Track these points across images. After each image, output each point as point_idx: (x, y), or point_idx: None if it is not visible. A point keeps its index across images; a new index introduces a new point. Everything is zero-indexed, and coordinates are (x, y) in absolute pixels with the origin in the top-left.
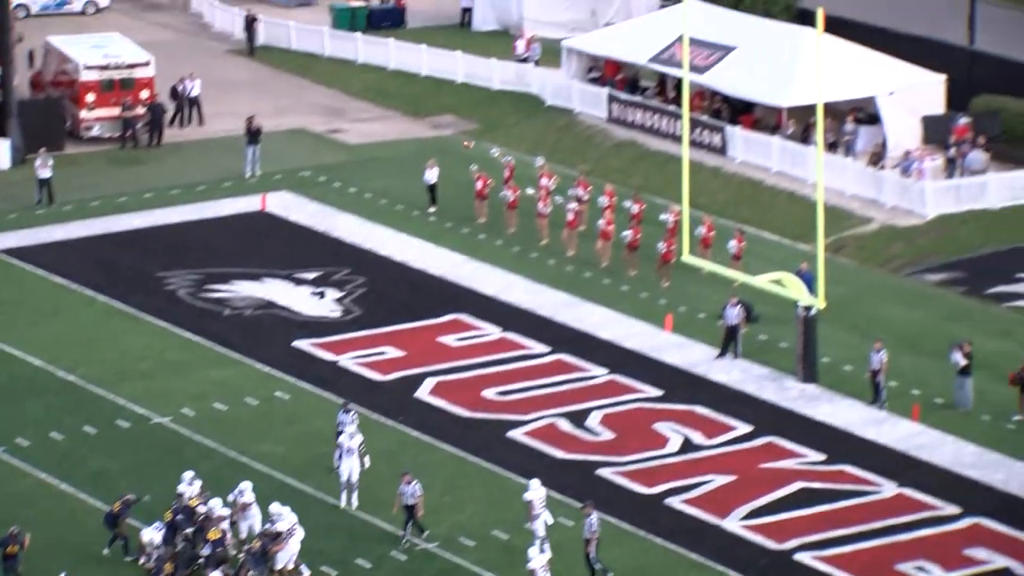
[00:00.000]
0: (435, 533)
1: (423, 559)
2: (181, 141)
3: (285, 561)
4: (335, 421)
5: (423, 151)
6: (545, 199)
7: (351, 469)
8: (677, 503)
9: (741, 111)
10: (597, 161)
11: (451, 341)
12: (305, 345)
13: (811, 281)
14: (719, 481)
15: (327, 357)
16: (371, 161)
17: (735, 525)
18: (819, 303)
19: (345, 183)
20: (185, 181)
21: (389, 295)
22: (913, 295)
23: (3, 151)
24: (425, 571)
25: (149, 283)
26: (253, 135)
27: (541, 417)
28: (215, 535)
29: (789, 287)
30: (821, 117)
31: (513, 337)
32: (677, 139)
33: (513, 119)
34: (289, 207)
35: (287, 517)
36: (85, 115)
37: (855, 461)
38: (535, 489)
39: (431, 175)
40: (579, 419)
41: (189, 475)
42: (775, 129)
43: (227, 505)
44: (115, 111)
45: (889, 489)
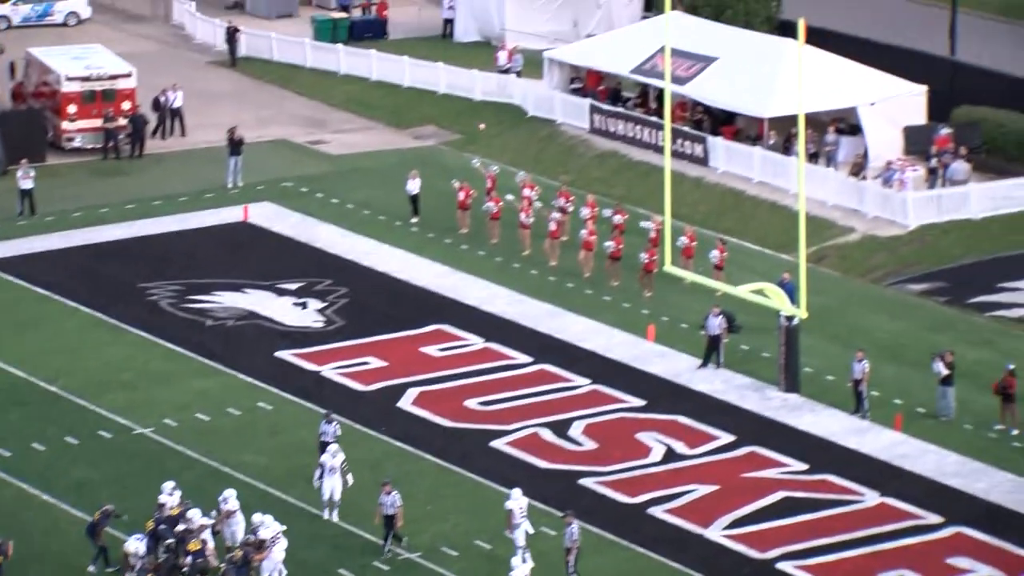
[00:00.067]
0: (418, 543)
1: (406, 569)
2: (163, 152)
3: (270, 570)
4: (318, 431)
5: (405, 162)
6: (527, 210)
7: (333, 488)
8: (660, 512)
9: (723, 122)
10: (579, 172)
11: (434, 351)
12: (288, 355)
13: (793, 291)
14: (702, 490)
15: (310, 367)
16: (353, 172)
17: (718, 534)
18: (801, 313)
19: (327, 194)
20: (167, 192)
21: (371, 305)
22: (895, 305)
23: None
24: None
25: (131, 294)
26: (235, 146)
27: (524, 427)
28: (195, 546)
29: (771, 297)
30: (803, 128)
31: (496, 347)
32: (659, 150)
33: (495, 130)
34: (271, 218)
35: (270, 525)
36: (67, 126)
37: (838, 470)
38: (516, 498)
39: (413, 186)
40: (562, 429)
41: (170, 485)
42: (757, 139)
43: (207, 515)
44: (97, 122)
45: (872, 498)
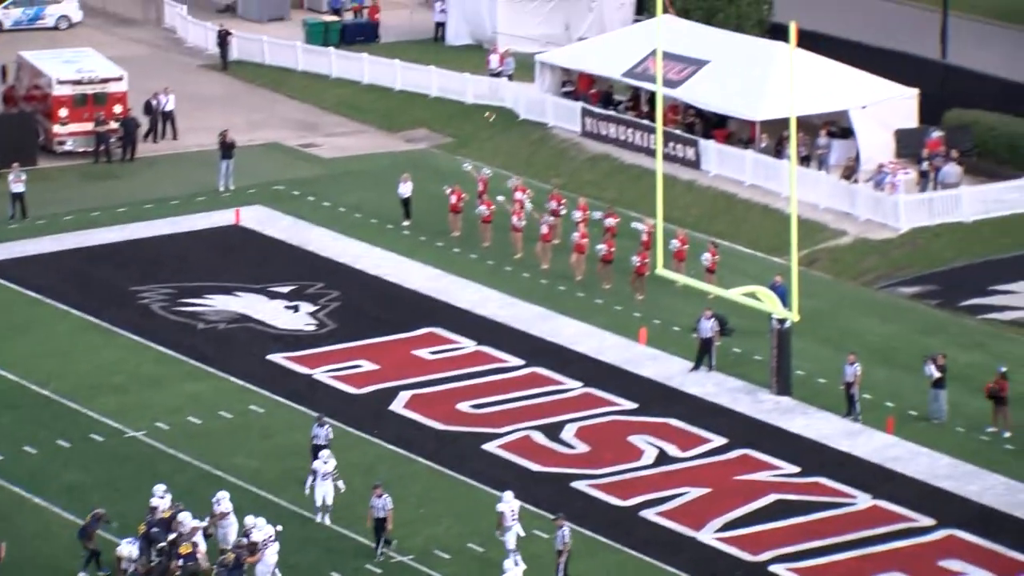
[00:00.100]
0: (410, 546)
1: (398, 572)
2: (154, 155)
3: (263, 574)
4: (310, 434)
5: (397, 165)
6: (519, 213)
7: (325, 494)
8: (652, 515)
9: (715, 125)
10: (571, 175)
11: (426, 354)
12: (279, 359)
13: (785, 294)
14: (694, 493)
15: (302, 371)
16: (345, 175)
17: (710, 537)
18: (793, 316)
19: (319, 197)
20: (159, 195)
21: (363, 309)
22: (887, 308)
23: None
24: None
25: (123, 297)
26: (227, 149)
27: (516, 430)
28: (186, 549)
29: (763, 300)
30: (794, 131)
31: (488, 350)
32: (651, 153)
33: (487, 133)
34: (263, 221)
35: (264, 528)
36: (58, 130)
37: (830, 473)
38: (508, 501)
39: (405, 189)
40: (554, 432)
41: (161, 488)
42: (748, 143)
43: (199, 518)
44: (88, 126)
45: (864, 501)
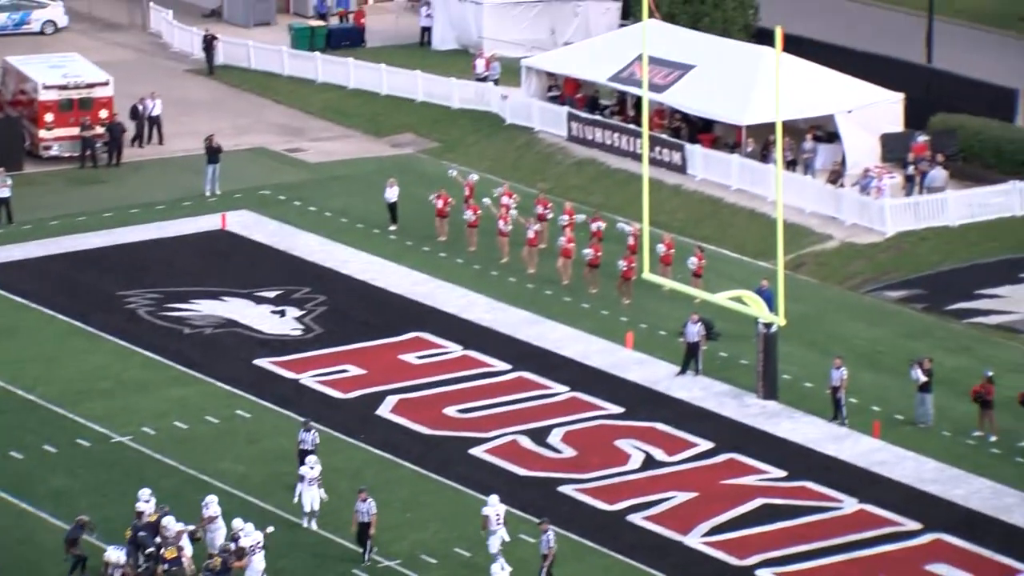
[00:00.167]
0: (397, 551)
1: None
2: (141, 160)
3: None
4: (296, 439)
5: (383, 170)
6: (506, 217)
7: (312, 499)
8: (639, 520)
9: (701, 129)
10: (557, 179)
11: (412, 359)
12: (266, 363)
13: (771, 298)
14: (681, 497)
15: (288, 375)
16: (331, 180)
17: (697, 541)
18: (779, 320)
19: (305, 202)
20: (145, 200)
21: (350, 313)
22: (873, 312)
23: None
24: None
25: (109, 302)
26: (213, 154)
27: (503, 434)
28: (171, 554)
29: (749, 304)
30: (780, 135)
31: (474, 355)
32: (637, 157)
33: (473, 138)
34: (249, 226)
35: (252, 534)
36: (44, 135)
37: (816, 477)
38: (493, 504)
39: (391, 194)
40: (541, 436)
41: (146, 492)
42: (734, 147)
43: (183, 522)
44: (74, 131)
45: (850, 505)
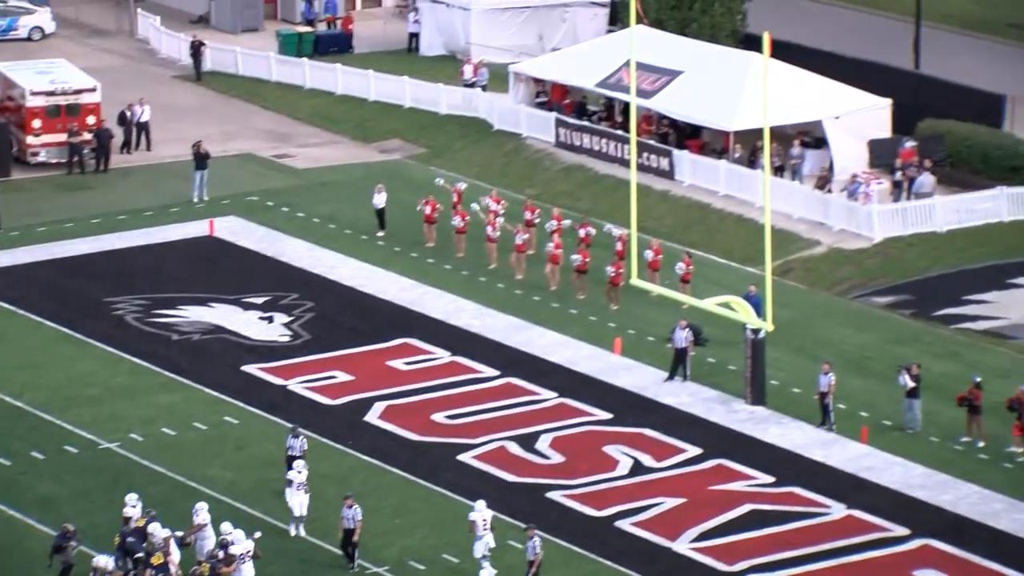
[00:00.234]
0: (385, 557)
1: None
2: (128, 166)
3: None
4: (285, 445)
5: (371, 175)
6: (494, 223)
7: (301, 503)
8: (627, 525)
9: (688, 135)
10: (545, 185)
11: (400, 365)
12: (254, 370)
13: (759, 304)
14: (669, 503)
15: (276, 381)
16: (319, 186)
17: (685, 547)
18: (767, 326)
19: (293, 208)
20: (132, 206)
21: (338, 319)
22: (861, 318)
23: None
24: None
25: (97, 308)
26: (200, 160)
27: (491, 441)
28: (158, 560)
29: (737, 310)
30: (768, 141)
31: (462, 361)
32: (625, 163)
33: (461, 143)
34: (237, 232)
35: (242, 542)
36: (31, 141)
37: (804, 483)
38: (480, 510)
39: (379, 199)
40: (529, 442)
41: (133, 497)
42: (722, 153)
43: (167, 527)
44: (61, 137)
45: (838, 511)
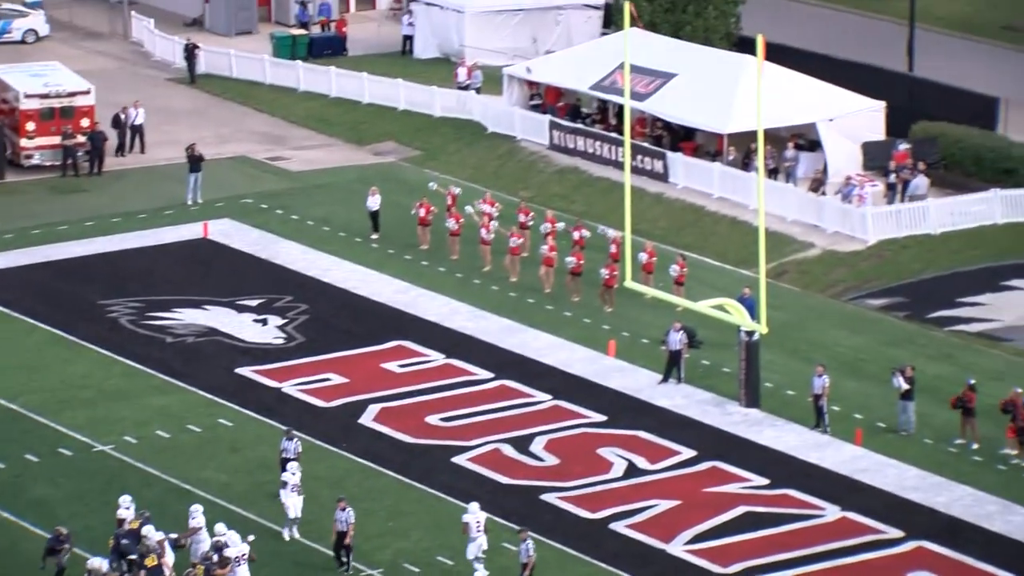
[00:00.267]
0: (380, 559)
1: None
2: (122, 169)
3: None
4: (279, 448)
5: (365, 178)
6: (488, 226)
7: (295, 505)
8: (621, 528)
9: (682, 138)
10: (539, 188)
11: (395, 367)
12: (248, 372)
13: (753, 306)
14: (663, 505)
15: (270, 384)
16: (313, 188)
17: (679, 549)
18: (761, 328)
19: (287, 210)
20: (126, 209)
21: (332, 322)
22: (855, 320)
23: None
24: None
25: (91, 311)
26: (194, 163)
27: (485, 443)
28: (151, 562)
29: (732, 312)
30: (762, 143)
31: (457, 363)
32: (619, 165)
33: (455, 146)
34: (231, 234)
35: (238, 545)
36: (25, 144)
37: (798, 485)
38: (474, 512)
39: (373, 202)
40: (523, 445)
41: (127, 499)
42: (716, 155)
43: (161, 530)
44: (55, 139)
45: (832, 513)
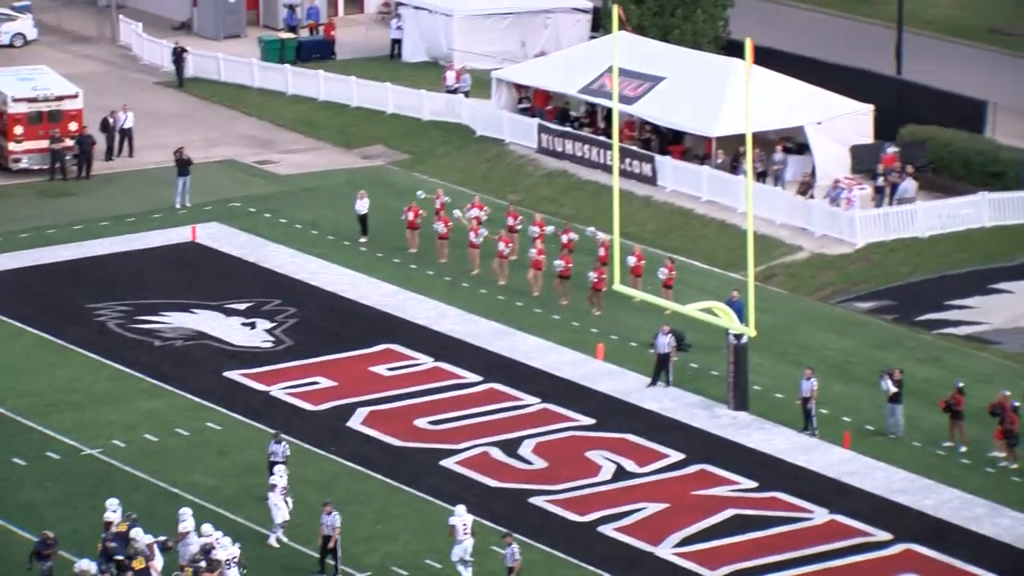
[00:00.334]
0: (368, 563)
1: None
2: (111, 173)
3: None
4: (267, 451)
5: (354, 182)
6: (476, 229)
7: (283, 508)
8: (610, 531)
9: (671, 141)
10: (528, 191)
11: (383, 371)
12: (236, 375)
13: (742, 309)
14: (652, 508)
15: (258, 387)
16: (302, 192)
17: (668, 552)
18: (750, 331)
19: (275, 214)
20: (115, 213)
21: (320, 325)
22: (843, 323)
23: None
24: None
25: (79, 314)
26: (183, 166)
27: (474, 446)
28: (139, 564)
29: (720, 315)
30: (750, 147)
31: (445, 366)
32: (607, 169)
33: (443, 150)
34: (219, 238)
35: (228, 548)
36: (13, 147)
37: (787, 488)
38: (460, 515)
39: (362, 206)
40: (512, 448)
41: (114, 502)
42: (704, 159)
43: (149, 533)
44: (44, 143)
45: (821, 516)
